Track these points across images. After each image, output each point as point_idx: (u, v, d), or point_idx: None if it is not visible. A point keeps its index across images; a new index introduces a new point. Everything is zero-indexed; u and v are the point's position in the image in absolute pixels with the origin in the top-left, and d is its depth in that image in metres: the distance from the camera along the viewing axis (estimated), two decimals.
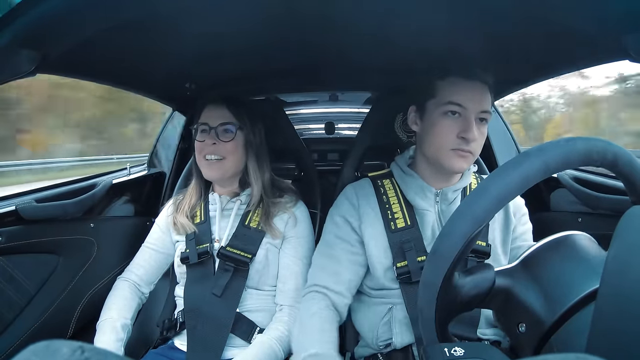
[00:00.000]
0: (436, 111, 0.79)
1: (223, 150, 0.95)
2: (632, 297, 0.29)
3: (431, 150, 0.81)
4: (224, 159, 0.96)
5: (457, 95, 0.77)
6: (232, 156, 0.96)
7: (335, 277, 0.82)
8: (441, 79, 0.79)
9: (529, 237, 0.89)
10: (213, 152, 0.95)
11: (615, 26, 0.64)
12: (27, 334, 0.96)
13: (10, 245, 0.90)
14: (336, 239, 0.86)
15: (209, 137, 0.95)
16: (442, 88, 0.79)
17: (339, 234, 0.86)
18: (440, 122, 0.78)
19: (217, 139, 0.95)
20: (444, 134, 0.78)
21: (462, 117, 0.77)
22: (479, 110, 0.77)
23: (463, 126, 0.76)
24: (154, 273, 1.04)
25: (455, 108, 0.77)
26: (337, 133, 2.91)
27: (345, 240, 0.85)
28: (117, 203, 1.28)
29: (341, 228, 0.86)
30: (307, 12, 0.73)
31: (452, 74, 0.79)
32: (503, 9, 0.68)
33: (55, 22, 0.59)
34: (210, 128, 0.96)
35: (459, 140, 0.77)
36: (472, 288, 0.42)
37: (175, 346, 0.96)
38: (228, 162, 0.96)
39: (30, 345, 0.19)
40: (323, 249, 0.87)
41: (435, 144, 0.80)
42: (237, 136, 0.96)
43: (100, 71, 0.94)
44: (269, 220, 0.97)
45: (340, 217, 0.87)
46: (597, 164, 0.40)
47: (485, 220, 0.38)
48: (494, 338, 0.82)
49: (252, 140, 0.99)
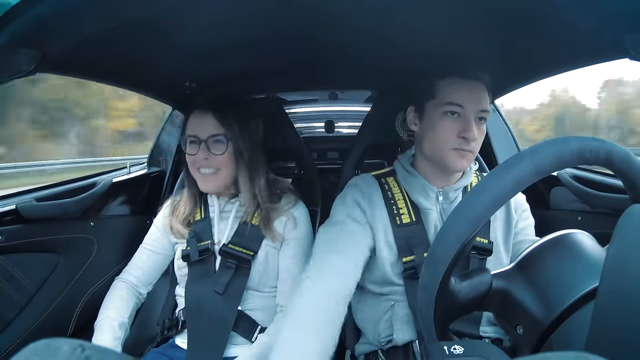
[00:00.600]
0: (436, 112, 0.79)
1: (216, 163, 0.93)
2: (631, 294, 0.29)
3: (431, 150, 0.81)
4: (219, 171, 0.93)
5: (456, 96, 0.77)
6: (226, 168, 0.94)
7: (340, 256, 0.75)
8: (440, 79, 0.80)
9: (530, 231, 0.89)
10: (207, 165, 0.93)
11: (615, 25, 0.64)
12: (28, 333, 0.96)
13: (10, 244, 0.90)
14: (347, 217, 0.82)
15: (200, 150, 0.92)
16: (441, 88, 0.79)
17: (350, 213, 0.82)
18: (440, 122, 0.78)
19: (209, 152, 0.92)
20: (444, 134, 0.78)
21: (462, 117, 0.78)
22: (478, 110, 0.78)
23: (463, 126, 0.77)
24: (152, 274, 1.03)
25: (455, 108, 0.77)
26: (337, 132, 2.91)
27: (356, 220, 0.82)
28: (117, 202, 1.28)
29: (353, 209, 0.83)
30: (306, 7, 0.73)
31: (451, 74, 0.79)
32: (503, 8, 0.68)
33: (55, 21, 0.59)
34: (200, 141, 0.92)
35: (460, 139, 0.77)
36: (469, 292, 0.42)
37: (176, 344, 0.96)
38: (223, 174, 0.94)
39: (31, 344, 0.19)
40: (333, 225, 0.81)
41: (435, 144, 0.80)
42: (229, 146, 0.93)
43: (99, 70, 0.94)
44: (269, 225, 0.96)
45: (352, 199, 0.84)
46: (591, 162, 0.40)
47: (481, 222, 0.39)
48: (495, 336, 0.82)
49: (240, 147, 0.95)
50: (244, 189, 0.96)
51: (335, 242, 0.77)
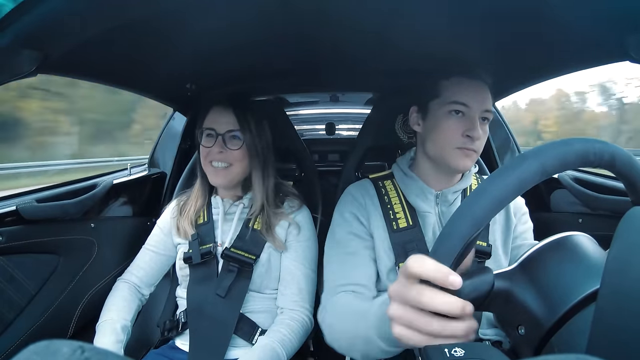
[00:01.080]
0: (440, 111, 0.80)
1: (230, 158, 0.94)
2: (632, 297, 0.29)
3: (435, 150, 0.81)
4: (231, 166, 0.95)
5: (462, 95, 0.78)
6: (239, 163, 0.95)
7: (358, 271, 0.80)
8: (445, 78, 0.80)
9: (529, 236, 0.89)
10: (221, 159, 0.94)
11: (616, 27, 0.64)
12: (28, 334, 0.96)
13: (10, 245, 0.90)
14: (349, 234, 0.83)
15: (216, 144, 0.94)
16: (446, 88, 0.79)
17: (351, 229, 0.84)
18: (445, 121, 0.79)
19: (225, 146, 0.94)
20: (449, 133, 0.78)
21: (466, 117, 0.78)
22: (482, 110, 0.78)
23: (468, 125, 0.77)
24: (155, 275, 1.04)
25: (460, 107, 0.78)
26: (337, 134, 2.91)
27: (358, 236, 0.83)
28: (118, 203, 1.28)
29: (352, 224, 0.84)
30: (307, 9, 0.73)
31: (456, 74, 0.79)
32: (504, 10, 0.68)
33: (57, 22, 0.59)
34: (217, 134, 0.94)
35: (464, 139, 0.77)
36: (471, 291, 0.41)
37: (177, 346, 0.96)
38: (235, 169, 0.95)
39: (31, 345, 0.19)
40: (338, 247, 0.83)
41: (439, 143, 0.80)
42: (244, 143, 0.95)
43: (100, 71, 0.94)
44: (271, 231, 0.96)
45: (349, 213, 0.85)
46: (595, 164, 0.40)
47: (484, 222, 0.38)
48: (495, 338, 0.82)
49: (257, 146, 0.97)
50: (256, 186, 0.97)
51: (347, 265, 0.80)
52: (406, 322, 0.40)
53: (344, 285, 0.78)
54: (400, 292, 0.41)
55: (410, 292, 0.39)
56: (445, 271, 0.38)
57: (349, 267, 0.80)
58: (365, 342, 0.59)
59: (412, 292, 0.39)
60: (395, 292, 0.42)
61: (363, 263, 0.81)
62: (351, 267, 0.80)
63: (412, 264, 0.39)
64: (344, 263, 0.81)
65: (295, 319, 0.92)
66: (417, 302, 0.39)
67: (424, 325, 0.39)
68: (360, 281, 0.78)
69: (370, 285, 0.80)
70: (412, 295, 0.39)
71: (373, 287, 0.80)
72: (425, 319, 0.39)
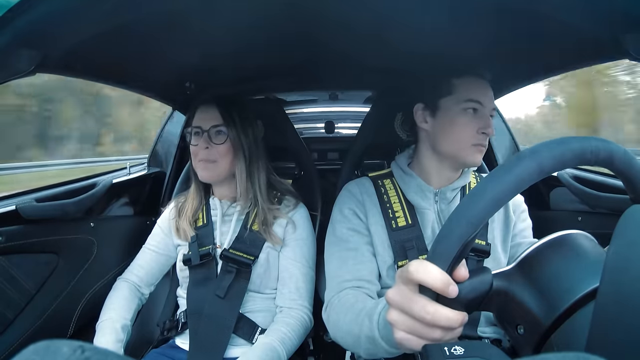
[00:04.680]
0: (454, 108, 0.80)
1: (215, 154, 0.94)
2: (632, 294, 0.29)
3: (449, 146, 0.82)
4: (217, 162, 0.95)
5: (476, 93, 0.80)
6: (224, 159, 0.95)
7: (361, 267, 0.80)
8: (457, 77, 0.81)
9: (528, 233, 0.89)
10: (206, 155, 0.94)
11: (615, 25, 0.64)
12: (28, 334, 0.96)
13: (10, 245, 0.90)
14: (349, 230, 0.84)
15: (202, 140, 0.95)
16: (459, 86, 0.81)
17: (351, 226, 0.84)
18: (460, 118, 0.80)
19: (210, 142, 0.94)
20: (465, 130, 0.80)
21: (480, 114, 0.80)
22: (491, 108, 0.81)
23: (482, 122, 0.79)
24: (155, 275, 1.04)
25: (475, 105, 0.80)
26: (337, 132, 2.91)
27: (358, 231, 0.83)
28: (117, 203, 1.28)
29: (351, 220, 0.85)
30: (307, 9, 0.73)
31: (467, 74, 0.81)
32: (504, 8, 0.68)
33: (56, 21, 0.59)
34: (203, 131, 0.95)
35: (480, 135, 0.80)
36: (470, 292, 0.41)
37: (177, 345, 0.96)
38: (221, 165, 0.95)
39: (31, 345, 0.19)
40: (338, 244, 0.83)
41: (454, 140, 0.81)
42: (229, 138, 0.95)
43: (99, 71, 0.94)
44: (268, 228, 0.96)
45: (348, 209, 0.86)
46: (592, 162, 0.40)
47: (482, 223, 0.38)
48: (494, 336, 0.82)
49: (242, 141, 0.97)
50: (239, 181, 0.98)
51: (349, 262, 0.80)
52: (408, 329, 0.41)
53: (349, 281, 0.78)
54: (401, 301, 0.41)
55: (413, 306, 0.40)
56: (446, 281, 0.38)
57: (351, 263, 0.80)
58: (370, 342, 0.60)
59: (414, 305, 0.40)
60: (395, 301, 0.42)
61: (365, 259, 0.81)
62: (354, 263, 0.80)
63: (413, 271, 0.39)
64: (346, 259, 0.81)
65: (294, 317, 0.92)
66: (421, 317, 0.39)
67: (427, 333, 0.40)
68: (364, 277, 0.79)
69: (374, 280, 0.80)
70: (415, 310, 0.40)
71: (377, 282, 0.81)
72: (427, 329, 0.40)
